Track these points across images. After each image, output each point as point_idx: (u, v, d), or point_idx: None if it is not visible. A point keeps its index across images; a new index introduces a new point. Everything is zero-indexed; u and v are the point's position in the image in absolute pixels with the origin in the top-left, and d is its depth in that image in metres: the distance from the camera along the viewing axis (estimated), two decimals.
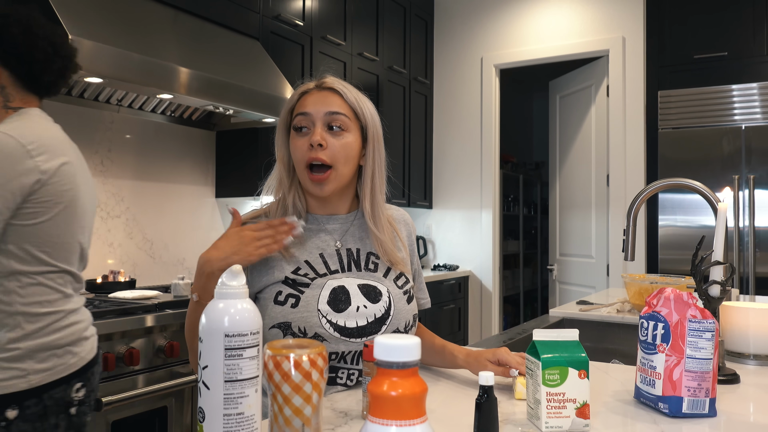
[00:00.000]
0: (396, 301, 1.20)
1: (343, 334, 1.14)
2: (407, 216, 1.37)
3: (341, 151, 1.17)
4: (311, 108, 1.18)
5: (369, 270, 1.22)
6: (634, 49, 3.89)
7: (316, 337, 1.13)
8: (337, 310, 1.14)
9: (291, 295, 1.15)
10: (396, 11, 4.12)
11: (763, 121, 3.45)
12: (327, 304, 1.14)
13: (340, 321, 1.14)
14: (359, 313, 1.15)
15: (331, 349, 1.14)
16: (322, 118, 1.17)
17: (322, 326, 1.13)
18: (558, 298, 4.59)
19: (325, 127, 1.17)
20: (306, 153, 1.17)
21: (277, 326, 1.14)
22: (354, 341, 1.15)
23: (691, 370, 1.00)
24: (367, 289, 1.19)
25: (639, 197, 1.71)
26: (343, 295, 1.16)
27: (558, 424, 0.92)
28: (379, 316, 1.17)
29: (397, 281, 1.23)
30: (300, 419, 0.75)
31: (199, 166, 3.14)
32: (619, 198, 3.89)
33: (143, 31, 2.37)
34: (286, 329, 1.14)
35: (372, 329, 1.16)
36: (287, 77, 2.99)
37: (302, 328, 1.13)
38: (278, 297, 1.15)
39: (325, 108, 1.18)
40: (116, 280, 2.55)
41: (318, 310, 1.14)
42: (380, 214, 1.24)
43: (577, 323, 2.05)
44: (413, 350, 0.60)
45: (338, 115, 1.18)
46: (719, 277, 1.24)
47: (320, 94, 1.19)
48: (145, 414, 2.10)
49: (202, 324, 0.75)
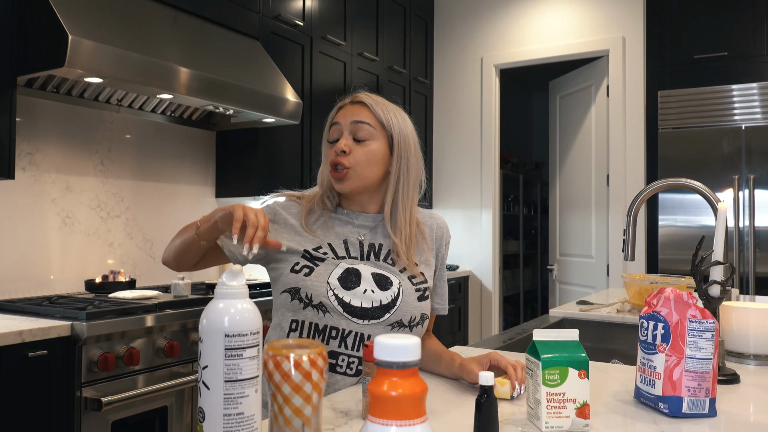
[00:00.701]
0: (405, 294, 1.25)
1: (346, 310, 1.21)
2: (441, 221, 1.43)
3: (363, 156, 1.28)
4: (341, 119, 1.31)
5: (387, 263, 1.29)
6: (634, 49, 3.89)
7: (320, 306, 1.21)
8: (346, 287, 1.23)
9: (306, 266, 1.25)
10: (396, 11, 4.12)
11: (763, 121, 3.45)
12: (337, 280, 1.23)
13: (345, 297, 1.22)
14: (366, 295, 1.23)
15: (332, 324, 1.21)
16: (348, 126, 1.30)
17: (328, 297, 1.21)
18: (558, 298, 4.59)
19: (351, 135, 1.29)
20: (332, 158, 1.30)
21: (287, 291, 1.24)
22: (355, 321, 1.21)
23: (691, 370, 1.00)
24: (380, 277, 1.26)
25: (639, 197, 1.71)
26: (355, 276, 1.24)
27: (558, 424, 0.92)
28: (384, 303, 1.23)
29: (413, 279, 1.29)
30: (300, 419, 0.75)
31: (199, 166, 3.14)
32: (619, 198, 3.89)
33: (143, 31, 2.37)
34: (294, 294, 1.23)
35: (375, 313, 1.22)
36: (287, 77, 2.99)
37: (309, 295, 1.22)
38: (295, 267, 1.25)
39: (352, 118, 1.30)
40: (116, 280, 2.55)
41: (327, 283, 1.22)
42: (400, 219, 1.31)
43: (577, 323, 2.05)
44: (413, 350, 0.60)
45: (362, 124, 1.29)
46: (719, 277, 1.24)
47: (351, 108, 1.32)
48: (145, 414, 2.10)
49: (202, 324, 0.75)
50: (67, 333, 1.92)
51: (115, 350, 2.02)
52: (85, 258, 2.62)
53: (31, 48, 2.11)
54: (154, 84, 2.29)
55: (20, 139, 2.38)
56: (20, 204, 2.41)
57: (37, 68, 2.10)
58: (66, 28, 1.97)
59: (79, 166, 2.61)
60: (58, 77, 2.23)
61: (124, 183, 2.79)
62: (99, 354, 1.96)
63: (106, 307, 2.07)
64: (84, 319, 1.94)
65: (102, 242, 2.69)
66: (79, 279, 2.58)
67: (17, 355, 1.80)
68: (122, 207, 2.77)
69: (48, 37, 2.03)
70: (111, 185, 2.73)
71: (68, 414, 1.92)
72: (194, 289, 2.61)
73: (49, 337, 1.87)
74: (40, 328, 1.85)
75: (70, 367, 1.92)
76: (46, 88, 2.32)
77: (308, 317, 1.22)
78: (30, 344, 1.83)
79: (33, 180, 2.45)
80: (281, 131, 3.09)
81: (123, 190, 2.78)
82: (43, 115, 2.48)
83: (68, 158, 2.57)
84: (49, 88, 2.33)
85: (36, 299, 2.28)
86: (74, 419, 1.92)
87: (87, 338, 1.92)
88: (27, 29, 2.11)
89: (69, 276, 2.56)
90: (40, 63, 2.08)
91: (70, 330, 1.92)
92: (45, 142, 2.49)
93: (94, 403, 1.94)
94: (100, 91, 2.45)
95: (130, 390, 2.03)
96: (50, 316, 2.02)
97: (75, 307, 2.05)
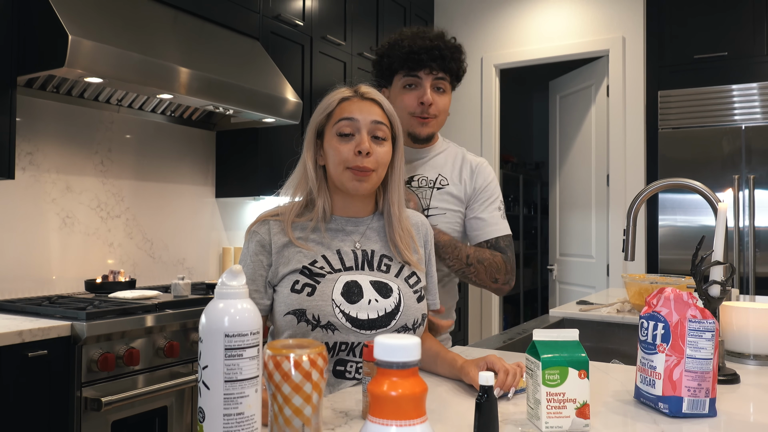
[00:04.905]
0: (406, 299, 1.24)
1: (354, 324, 1.19)
2: (422, 218, 1.41)
3: (383, 157, 1.24)
4: (358, 115, 1.23)
5: (381, 271, 1.27)
6: (634, 49, 3.89)
7: (329, 325, 1.18)
8: (351, 301, 1.20)
9: (307, 285, 1.20)
10: (396, 11, 4.11)
11: (763, 121, 3.45)
12: (341, 295, 1.20)
13: (352, 312, 1.19)
14: (371, 306, 1.21)
15: (342, 339, 1.19)
16: (368, 125, 1.23)
17: (335, 315, 1.18)
18: (558, 298, 4.58)
19: (370, 134, 1.23)
20: (351, 158, 1.22)
21: (292, 313, 1.19)
22: (364, 333, 1.20)
23: (691, 370, 1.00)
24: (379, 285, 1.24)
25: (639, 197, 1.71)
26: (356, 288, 1.21)
27: (558, 424, 0.92)
28: (389, 311, 1.22)
29: (409, 280, 1.28)
30: (300, 419, 0.75)
31: (199, 166, 3.14)
32: (619, 198, 3.88)
33: (143, 31, 2.37)
34: (300, 316, 1.19)
35: (382, 322, 1.21)
36: (287, 77, 2.99)
37: (316, 315, 1.18)
38: (295, 285, 1.20)
39: (370, 117, 1.23)
40: (116, 280, 2.55)
41: (332, 300, 1.19)
42: (395, 218, 1.29)
43: (577, 323, 2.05)
44: (413, 350, 0.60)
45: (381, 124, 1.24)
46: (719, 277, 1.24)
47: (362, 103, 1.25)
48: (145, 414, 2.10)
49: (202, 324, 0.75)
50: (67, 333, 1.92)
51: (115, 350, 2.02)
52: (85, 258, 2.62)
53: (31, 48, 2.11)
54: (154, 84, 2.29)
55: (20, 139, 2.38)
56: (20, 204, 2.41)
57: (37, 68, 2.10)
58: (66, 28, 1.97)
59: (79, 166, 2.61)
60: (58, 77, 2.23)
61: (124, 183, 2.79)
62: (99, 354, 1.96)
63: (106, 307, 2.07)
64: (84, 319, 1.94)
65: (102, 242, 2.69)
66: (79, 279, 2.58)
67: (17, 355, 1.80)
68: (122, 207, 2.77)
69: (48, 37, 2.03)
70: (111, 185, 2.73)
71: (68, 414, 1.92)
72: (194, 289, 2.61)
73: (49, 337, 1.87)
74: (40, 328, 1.85)
75: (70, 367, 1.92)
76: (46, 88, 2.32)
77: (317, 338, 1.19)
78: (30, 344, 1.83)
79: (33, 180, 2.45)
80: (281, 131, 3.09)
81: (123, 190, 2.78)
82: (43, 115, 2.48)
83: (68, 158, 2.57)
84: (49, 88, 2.33)
85: (36, 299, 2.28)
86: (74, 419, 1.92)
87: (87, 338, 1.92)
88: (27, 29, 2.11)
89: (69, 276, 2.56)
90: (40, 63, 2.08)
91: (70, 330, 1.92)
92: (45, 142, 2.49)
93: (94, 403, 1.94)
94: (100, 91, 2.45)
95: (130, 390, 2.03)
96: (50, 316, 2.02)
97: (75, 307, 2.05)
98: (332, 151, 1.24)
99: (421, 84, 1.58)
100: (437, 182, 1.64)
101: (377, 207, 1.32)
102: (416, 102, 1.58)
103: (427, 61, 1.56)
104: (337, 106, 1.26)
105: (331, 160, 1.24)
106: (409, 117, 1.60)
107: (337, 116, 1.24)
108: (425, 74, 1.58)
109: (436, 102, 1.59)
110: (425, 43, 1.55)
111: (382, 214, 1.31)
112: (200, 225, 3.15)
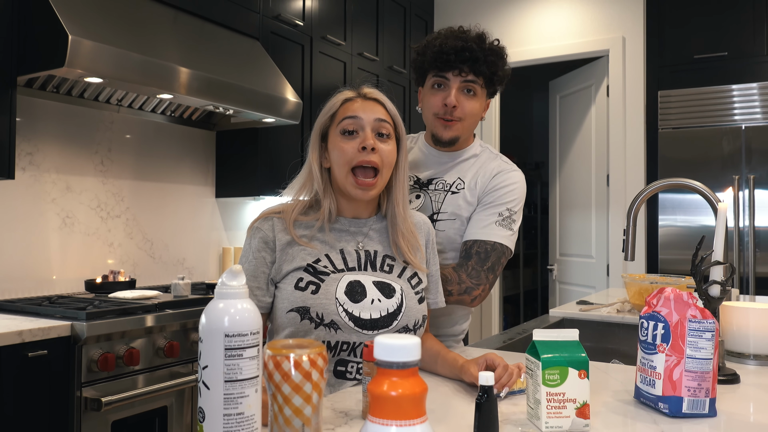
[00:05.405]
0: (408, 299, 1.25)
1: (357, 324, 1.19)
2: (423, 218, 1.41)
3: (388, 156, 1.24)
4: (361, 113, 1.23)
5: (384, 271, 1.27)
6: (634, 49, 3.89)
7: (332, 324, 1.18)
8: (354, 300, 1.20)
9: (311, 282, 1.20)
10: (396, 11, 4.11)
11: (763, 121, 3.45)
12: (345, 295, 1.20)
13: (355, 311, 1.19)
14: (374, 305, 1.21)
15: (344, 339, 1.19)
16: (371, 123, 1.23)
17: (339, 314, 1.18)
18: (558, 298, 4.58)
19: (374, 132, 1.23)
20: (356, 155, 1.21)
21: (295, 310, 1.19)
22: (366, 333, 1.20)
23: (691, 370, 1.00)
24: (382, 285, 1.24)
25: (639, 197, 1.71)
26: (359, 288, 1.22)
27: (558, 424, 0.92)
28: (391, 311, 1.22)
29: (411, 281, 1.28)
30: (300, 419, 0.75)
31: (199, 166, 3.14)
32: (619, 198, 3.88)
33: (143, 31, 2.37)
34: (304, 314, 1.19)
35: (384, 323, 1.21)
36: (287, 77, 2.99)
37: (320, 314, 1.18)
38: (299, 283, 1.20)
39: (374, 115, 1.24)
40: (116, 280, 2.55)
41: (336, 299, 1.19)
42: (400, 218, 1.29)
43: (577, 323, 2.05)
44: (413, 350, 0.60)
45: (385, 122, 1.24)
46: (719, 277, 1.24)
47: (366, 103, 1.25)
48: (145, 414, 2.10)
49: (202, 324, 0.75)
50: (67, 333, 1.92)
51: (115, 350, 2.02)
52: (85, 258, 2.62)
53: (31, 48, 2.11)
54: (154, 84, 2.29)
55: (20, 139, 2.38)
56: (20, 204, 2.41)
57: (37, 68, 2.10)
58: (66, 28, 1.97)
59: (79, 166, 2.61)
60: (58, 77, 2.23)
61: (124, 183, 2.79)
62: (99, 354, 1.96)
63: (106, 307, 2.07)
64: (84, 319, 1.94)
65: (102, 242, 2.69)
66: (79, 279, 2.58)
67: (17, 355, 1.80)
68: (122, 207, 2.77)
69: (48, 37, 2.03)
70: (111, 185, 2.73)
71: (68, 414, 1.92)
72: (194, 289, 2.61)
73: (49, 337, 1.87)
74: (40, 328, 1.85)
75: (70, 367, 1.92)
76: (46, 88, 2.32)
77: (319, 336, 1.19)
78: (30, 344, 1.83)
79: (33, 180, 2.45)
80: (281, 131, 3.09)
81: (123, 190, 2.78)
82: (43, 115, 2.48)
83: (68, 158, 2.57)
84: (49, 88, 2.33)
85: (36, 299, 2.28)
86: (74, 419, 1.92)
87: (87, 338, 1.92)
88: (27, 29, 2.11)
89: (69, 276, 2.56)
90: (40, 63, 2.08)
91: (70, 330, 1.92)
92: (45, 142, 2.49)
93: (94, 403, 1.94)
94: (100, 91, 2.45)
95: (130, 390, 2.03)
96: (50, 316, 2.02)
97: (75, 307, 2.05)
98: (336, 152, 1.23)
99: (448, 85, 1.53)
100: (453, 186, 1.58)
101: (380, 207, 1.32)
102: (441, 103, 1.54)
103: (455, 63, 1.50)
104: (341, 107, 1.26)
105: (336, 162, 1.24)
106: (433, 118, 1.56)
107: (340, 116, 1.25)
108: (453, 75, 1.52)
109: (463, 105, 1.53)
110: (456, 44, 1.50)
111: (385, 215, 1.31)
112: (200, 225, 3.15)
